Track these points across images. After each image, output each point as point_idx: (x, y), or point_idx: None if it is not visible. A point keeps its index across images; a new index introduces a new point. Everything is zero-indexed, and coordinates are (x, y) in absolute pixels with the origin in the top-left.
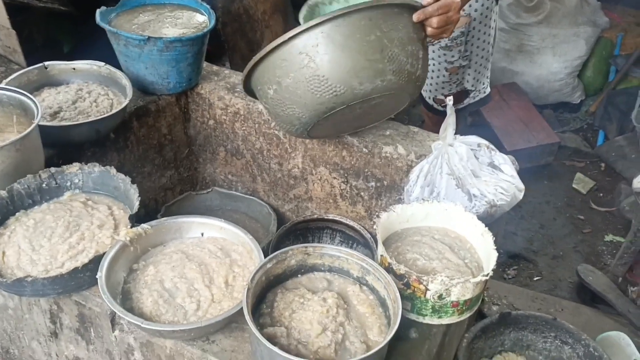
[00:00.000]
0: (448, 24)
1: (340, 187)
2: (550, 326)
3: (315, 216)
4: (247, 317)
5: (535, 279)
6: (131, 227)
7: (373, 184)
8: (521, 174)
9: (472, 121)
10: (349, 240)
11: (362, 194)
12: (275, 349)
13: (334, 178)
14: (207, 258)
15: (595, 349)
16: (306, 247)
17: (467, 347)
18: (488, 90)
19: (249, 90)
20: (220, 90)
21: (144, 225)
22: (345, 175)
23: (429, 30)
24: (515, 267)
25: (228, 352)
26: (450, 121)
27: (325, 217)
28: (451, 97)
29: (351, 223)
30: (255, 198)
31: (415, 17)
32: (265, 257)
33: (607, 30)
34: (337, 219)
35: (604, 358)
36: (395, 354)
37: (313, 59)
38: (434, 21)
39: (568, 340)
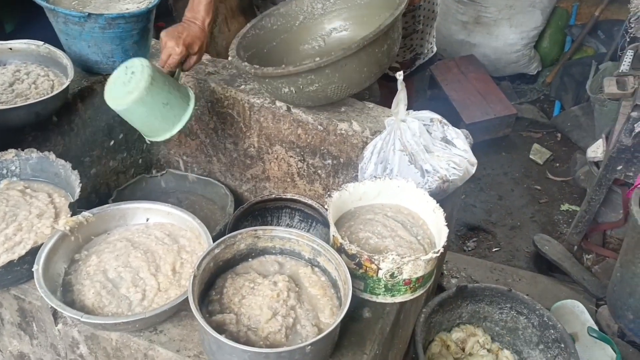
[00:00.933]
0: None
1: (297, 165)
2: (506, 297)
3: (273, 196)
4: (193, 306)
5: (494, 250)
6: (72, 216)
7: (330, 161)
8: (479, 146)
9: (431, 95)
10: (308, 219)
11: (319, 172)
12: (222, 337)
13: (291, 157)
14: (153, 245)
15: (550, 318)
16: (256, 230)
17: (424, 322)
18: (434, 48)
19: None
20: None
21: (85, 213)
22: (302, 153)
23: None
24: (475, 239)
25: (177, 341)
26: (402, 96)
27: (284, 197)
28: (400, 72)
29: (309, 202)
30: (212, 179)
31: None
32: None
33: (562, 0)
34: (295, 197)
35: (557, 327)
36: (348, 335)
37: (341, 75)
38: None
39: (523, 311)
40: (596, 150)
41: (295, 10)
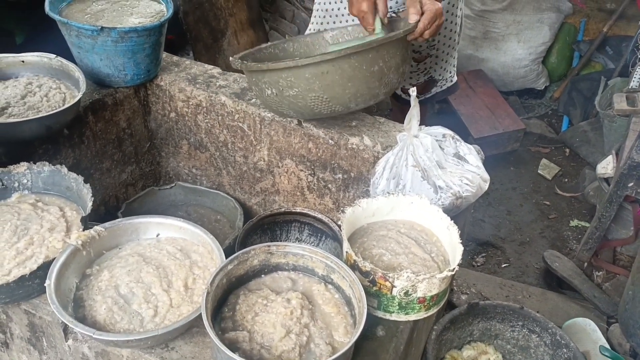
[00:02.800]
0: (437, 30)
1: (307, 179)
2: (518, 315)
3: (283, 210)
4: (206, 323)
5: (503, 265)
6: (84, 230)
7: (340, 175)
8: (487, 160)
9: (439, 109)
10: (318, 233)
11: (329, 186)
12: (236, 356)
13: (301, 170)
14: (165, 260)
15: (562, 336)
16: (269, 246)
17: (436, 339)
18: (455, 78)
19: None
20: (181, 81)
21: (98, 228)
22: (312, 167)
23: (420, 39)
24: (484, 254)
25: (188, 359)
26: (414, 112)
27: (293, 211)
28: (414, 88)
29: (319, 216)
30: (221, 192)
31: (411, 37)
32: (230, 254)
33: (570, 16)
34: (305, 212)
35: (570, 346)
36: (362, 354)
37: (320, 84)
38: (427, 34)
39: (535, 329)
40: (606, 166)
41: (322, 42)
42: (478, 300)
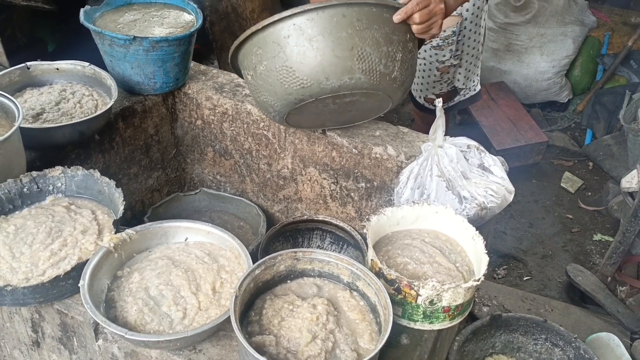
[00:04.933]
0: (432, 17)
1: (330, 187)
2: (541, 328)
3: (305, 217)
4: (235, 327)
5: (525, 278)
6: (115, 233)
7: (363, 184)
8: (510, 173)
9: (460, 120)
10: (339, 241)
11: (352, 194)
12: (264, 359)
13: (324, 179)
14: (193, 264)
15: (586, 351)
16: (295, 252)
17: (458, 350)
18: (478, 87)
19: (239, 72)
20: (208, 90)
21: (129, 231)
22: (335, 175)
23: (414, 27)
24: (505, 266)
25: None
26: (439, 123)
27: (315, 218)
28: (440, 100)
29: (341, 224)
30: (244, 199)
31: (396, 17)
32: (253, 260)
33: (594, 29)
34: (327, 219)
35: None
36: None
37: (284, 49)
38: (416, 17)
39: (559, 343)
40: (631, 180)
41: None
42: (501, 312)
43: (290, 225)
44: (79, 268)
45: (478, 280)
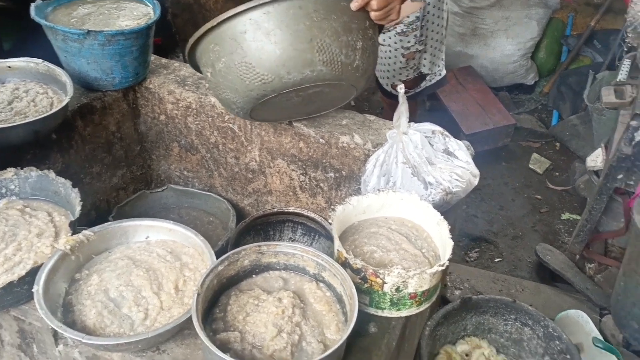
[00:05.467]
0: (389, 3)
1: (299, 179)
2: (510, 309)
3: (276, 210)
4: (197, 325)
5: (496, 260)
6: (72, 235)
7: (332, 174)
8: (479, 156)
9: (430, 106)
10: (311, 232)
11: (321, 185)
12: (227, 357)
13: (293, 170)
14: (155, 263)
15: (555, 329)
16: (260, 246)
17: (429, 335)
18: (444, 72)
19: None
20: (170, 84)
21: (86, 232)
22: (304, 166)
23: (373, 14)
24: (477, 249)
25: None
26: (403, 109)
27: (286, 210)
28: (402, 86)
29: (312, 215)
30: (213, 194)
31: (354, 5)
32: (222, 255)
33: (558, 11)
34: (297, 211)
35: (562, 338)
36: (354, 350)
37: (241, 45)
38: (374, 3)
39: (528, 322)
40: (596, 159)
41: None
42: (471, 295)
43: (261, 219)
44: (33, 273)
45: (443, 265)
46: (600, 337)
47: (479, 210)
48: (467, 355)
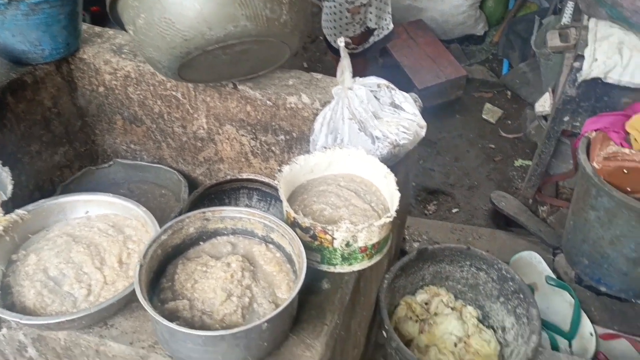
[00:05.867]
0: None
1: (250, 144)
2: (465, 255)
3: (229, 177)
4: (140, 297)
5: (454, 211)
6: (5, 215)
7: (282, 137)
8: (433, 110)
9: (383, 63)
10: (267, 197)
11: (273, 148)
12: (172, 325)
13: (242, 135)
14: (96, 238)
15: (507, 271)
16: (204, 212)
17: (388, 287)
18: (391, 26)
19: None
20: (106, 53)
21: (19, 211)
22: (253, 131)
23: None
24: (435, 202)
25: (129, 334)
26: (345, 64)
27: (239, 177)
28: (342, 39)
29: (266, 180)
30: (163, 166)
31: None
32: None
33: None
34: (251, 177)
35: (515, 279)
36: (308, 308)
37: (162, 7)
38: None
39: (482, 267)
40: (544, 104)
41: None
42: (427, 246)
43: (214, 187)
44: None
45: (390, 217)
46: (553, 276)
47: (435, 164)
48: (426, 303)
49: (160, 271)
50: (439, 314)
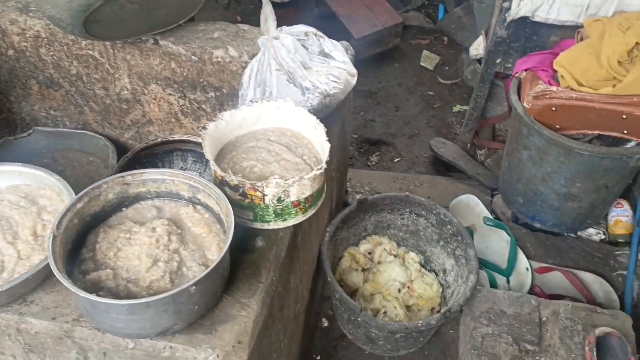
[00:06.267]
0: None
1: (178, 103)
2: (405, 203)
3: (160, 140)
4: (54, 268)
5: (395, 160)
6: None
7: (212, 94)
8: (371, 59)
9: (318, 13)
10: (202, 158)
11: (203, 106)
12: (91, 296)
13: (170, 94)
14: (7, 211)
15: (445, 215)
16: (123, 176)
17: (330, 240)
18: None
19: None
20: (11, 12)
21: None
22: (181, 89)
23: None
24: (377, 153)
25: (51, 309)
26: (267, 10)
27: (171, 139)
28: None
29: (200, 140)
30: (88, 131)
31: None
32: None
33: None
34: (184, 138)
35: (453, 222)
36: (242, 267)
37: None
38: None
39: (422, 213)
40: (477, 47)
41: None
42: (366, 196)
43: (145, 151)
44: None
45: (321, 169)
46: (491, 216)
47: (376, 114)
48: (369, 253)
49: (80, 241)
50: (382, 262)
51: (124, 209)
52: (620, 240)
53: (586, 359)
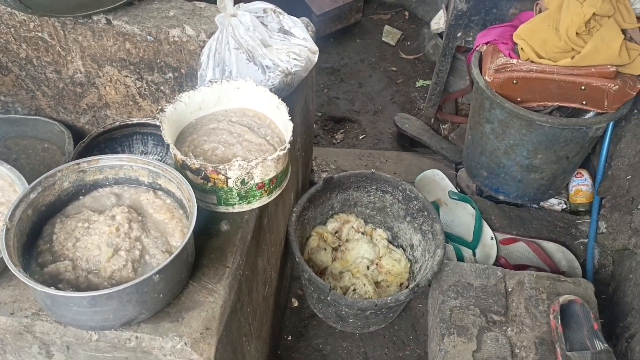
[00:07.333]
0: None
1: (136, 85)
2: (370, 180)
3: (117, 124)
4: (8, 262)
5: (360, 137)
6: None
7: (170, 75)
8: (333, 36)
9: None
10: (163, 141)
11: (162, 88)
12: (49, 289)
13: (126, 76)
14: None
15: (411, 190)
16: (78, 163)
17: (297, 220)
18: None
19: None
20: None
21: None
22: (137, 70)
23: None
24: (342, 130)
25: (9, 304)
26: None
27: (130, 123)
28: None
29: (159, 123)
30: (41, 117)
31: None
32: None
33: None
34: (143, 121)
35: (419, 197)
36: (208, 252)
37: None
38: None
39: (388, 189)
40: (438, 21)
41: None
42: (332, 175)
43: (103, 136)
44: None
45: (284, 149)
46: (456, 190)
47: (340, 92)
48: (337, 232)
49: (36, 233)
50: (350, 240)
51: (81, 197)
52: (581, 209)
53: (551, 326)
